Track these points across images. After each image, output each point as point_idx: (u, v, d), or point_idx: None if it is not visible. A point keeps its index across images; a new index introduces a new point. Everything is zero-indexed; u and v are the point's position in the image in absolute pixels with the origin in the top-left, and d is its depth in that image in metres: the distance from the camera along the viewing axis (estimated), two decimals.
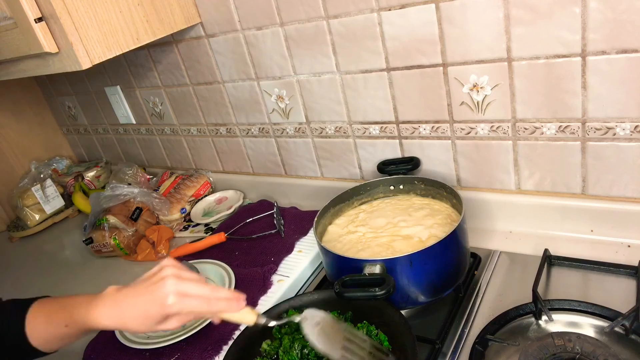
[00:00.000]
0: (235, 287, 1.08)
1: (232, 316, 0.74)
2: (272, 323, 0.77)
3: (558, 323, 0.83)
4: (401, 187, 1.11)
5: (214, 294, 0.72)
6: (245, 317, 0.74)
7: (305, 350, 0.85)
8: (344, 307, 0.91)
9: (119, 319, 0.71)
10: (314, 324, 0.77)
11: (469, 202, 1.05)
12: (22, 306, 0.77)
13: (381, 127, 1.16)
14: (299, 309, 0.92)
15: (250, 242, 1.25)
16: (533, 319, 0.85)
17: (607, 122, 0.90)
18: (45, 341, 0.76)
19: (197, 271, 1.12)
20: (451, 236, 0.88)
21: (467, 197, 1.06)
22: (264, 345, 0.88)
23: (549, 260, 0.97)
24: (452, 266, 0.91)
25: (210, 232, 1.39)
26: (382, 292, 0.78)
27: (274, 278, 1.11)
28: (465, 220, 0.93)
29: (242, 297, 0.74)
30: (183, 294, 0.70)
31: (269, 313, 0.92)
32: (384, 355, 0.78)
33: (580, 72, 0.88)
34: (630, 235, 0.96)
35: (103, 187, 1.73)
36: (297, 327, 0.90)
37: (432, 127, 1.08)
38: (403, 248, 0.94)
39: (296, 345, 0.86)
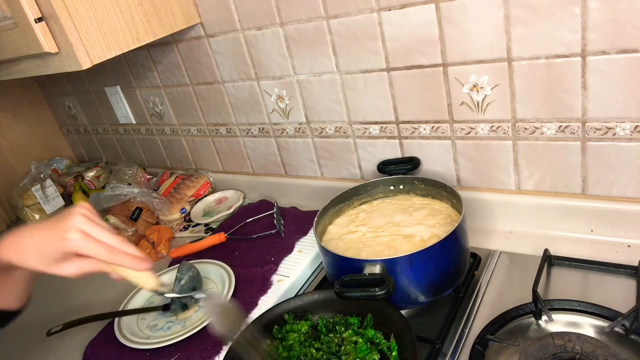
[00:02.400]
0: (235, 287, 1.08)
1: (132, 275, 0.71)
2: (169, 295, 0.77)
3: (558, 323, 0.83)
4: (401, 187, 1.11)
5: (119, 245, 0.69)
6: (146, 280, 0.72)
7: (306, 351, 0.85)
8: (353, 311, 0.91)
9: (17, 251, 0.68)
10: (213, 305, 0.77)
11: (469, 202, 1.05)
12: None
13: (381, 127, 1.16)
14: (298, 312, 0.93)
15: (250, 242, 1.25)
16: (533, 319, 0.85)
17: (607, 122, 0.90)
18: None
19: (197, 271, 1.12)
20: (451, 236, 0.88)
21: (467, 197, 1.06)
22: (264, 346, 0.88)
23: (549, 260, 0.97)
24: (452, 266, 0.91)
25: (210, 232, 1.39)
26: (382, 292, 0.78)
27: (274, 278, 1.11)
28: (465, 220, 0.93)
29: (148, 258, 0.71)
30: (88, 234, 0.67)
31: (268, 314, 0.92)
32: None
33: (580, 72, 0.88)
34: (630, 235, 0.96)
35: (103, 187, 1.73)
36: (298, 329, 0.90)
37: (432, 127, 1.09)
38: (404, 247, 0.94)
39: (298, 347, 0.86)
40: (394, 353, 0.80)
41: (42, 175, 1.79)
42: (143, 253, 0.71)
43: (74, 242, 0.65)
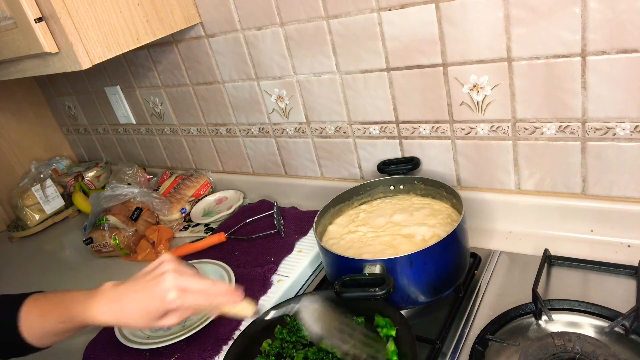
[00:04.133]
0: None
1: (231, 309, 0.74)
2: (271, 313, 0.79)
3: (558, 323, 0.83)
4: (401, 187, 1.11)
5: (213, 288, 0.73)
6: (244, 309, 0.75)
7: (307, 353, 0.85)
8: (353, 311, 0.91)
9: (118, 315, 0.71)
10: (311, 312, 0.79)
11: (469, 202, 1.05)
12: (15, 301, 0.77)
13: (381, 127, 1.16)
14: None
15: (250, 242, 1.25)
16: (533, 319, 0.85)
17: (607, 122, 0.90)
18: (40, 337, 0.76)
19: (197, 271, 1.12)
20: (451, 236, 0.88)
21: (467, 197, 1.06)
22: (265, 345, 0.88)
23: (549, 260, 0.97)
24: (452, 266, 0.91)
25: (210, 232, 1.39)
26: (382, 292, 0.78)
27: (274, 278, 1.11)
28: (465, 220, 0.93)
29: (239, 289, 0.74)
30: (183, 289, 0.70)
31: (268, 315, 0.92)
32: (374, 342, 0.80)
33: (580, 72, 0.88)
34: (630, 235, 0.96)
35: (103, 187, 1.74)
36: (299, 328, 0.90)
37: (432, 127, 1.09)
38: (405, 247, 0.94)
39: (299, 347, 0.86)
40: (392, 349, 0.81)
41: (42, 175, 1.79)
42: (232, 287, 0.75)
43: (174, 303, 0.69)
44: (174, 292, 0.69)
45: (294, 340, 0.88)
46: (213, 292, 0.72)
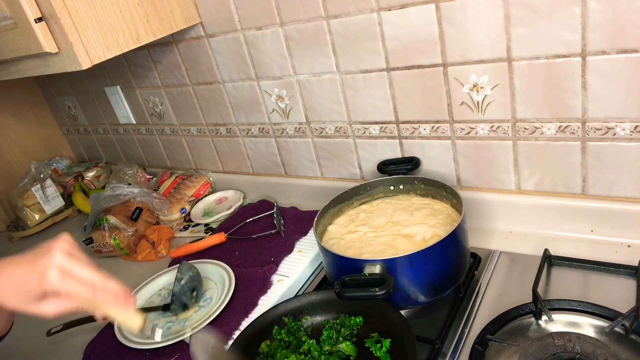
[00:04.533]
0: (235, 287, 1.08)
1: (117, 314, 0.67)
2: (157, 337, 0.71)
3: (558, 323, 0.83)
4: (401, 187, 1.11)
5: (102, 283, 0.65)
6: (132, 319, 0.67)
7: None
8: (350, 311, 0.91)
9: None
10: (204, 348, 0.74)
11: (469, 202, 1.05)
12: None
13: (381, 127, 1.16)
14: (296, 313, 0.93)
15: (250, 242, 1.25)
16: (533, 319, 0.85)
17: (607, 122, 0.90)
18: None
19: (197, 271, 1.12)
20: (451, 236, 0.88)
21: (467, 197, 1.06)
22: (263, 346, 0.88)
23: (549, 260, 0.97)
24: (452, 266, 0.91)
25: (210, 232, 1.39)
26: (382, 292, 0.78)
27: (274, 278, 1.11)
28: (465, 220, 0.93)
29: (132, 295, 0.67)
30: (68, 272, 0.63)
31: (267, 315, 0.92)
32: None
33: (580, 72, 0.88)
34: (630, 235, 0.96)
35: (103, 187, 1.74)
36: (297, 328, 0.90)
37: (432, 127, 1.09)
38: (406, 246, 0.94)
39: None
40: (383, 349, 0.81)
41: (42, 175, 1.79)
42: (126, 289, 0.67)
43: (53, 281, 0.61)
44: (56, 272, 0.61)
45: (291, 340, 0.88)
46: (101, 287, 0.64)
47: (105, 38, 1.06)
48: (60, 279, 0.62)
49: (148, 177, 1.68)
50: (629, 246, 0.96)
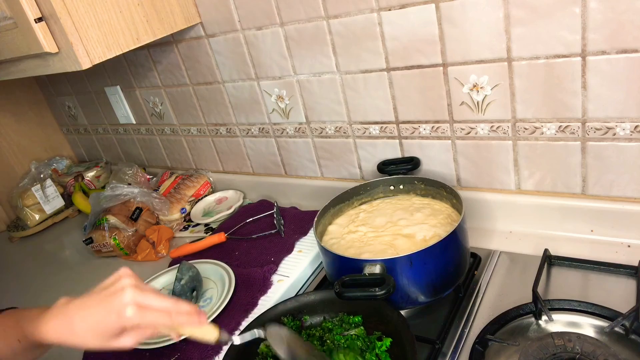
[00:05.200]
0: (235, 287, 1.08)
1: (193, 332, 0.70)
2: (236, 340, 0.74)
3: (558, 323, 0.83)
4: (401, 187, 1.11)
5: (175, 307, 0.67)
6: (207, 333, 0.70)
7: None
8: (350, 311, 0.91)
9: (68, 332, 0.65)
10: (280, 339, 0.76)
11: (469, 202, 1.05)
12: None
13: (381, 127, 1.16)
14: (295, 313, 0.93)
15: (250, 242, 1.25)
16: (533, 319, 0.85)
17: (607, 122, 0.90)
18: (8, 356, 0.72)
19: (197, 271, 1.12)
20: (451, 236, 0.88)
21: (467, 197, 1.06)
22: (262, 347, 0.88)
23: (549, 260, 0.97)
24: (452, 266, 0.91)
25: (210, 232, 1.39)
26: (382, 292, 0.78)
27: (274, 278, 1.11)
28: (465, 220, 0.93)
29: (203, 312, 0.70)
30: (143, 306, 0.64)
31: (266, 315, 0.92)
32: None
33: (580, 72, 0.88)
34: (630, 235, 0.96)
35: (103, 187, 1.74)
36: (296, 329, 0.90)
37: (432, 127, 1.09)
38: (406, 246, 0.94)
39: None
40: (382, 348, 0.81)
41: (42, 175, 1.79)
42: (196, 308, 0.70)
43: (132, 319, 0.64)
44: (133, 308, 0.63)
45: None
46: (175, 311, 0.66)
47: (105, 38, 1.06)
48: (138, 313, 0.64)
49: (148, 177, 1.68)
50: (629, 246, 0.96)
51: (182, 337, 0.72)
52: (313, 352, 0.79)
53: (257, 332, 0.76)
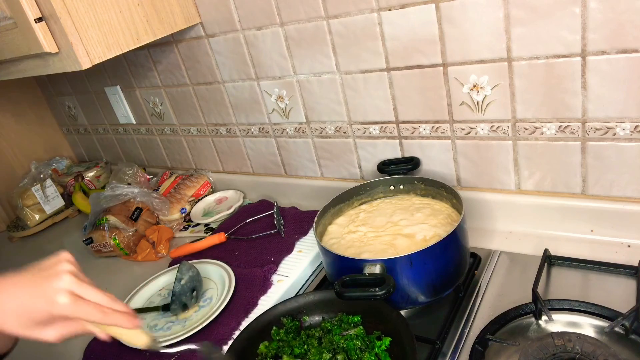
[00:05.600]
0: (235, 287, 1.08)
1: (123, 333, 0.66)
2: (165, 350, 0.71)
3: (558, 323, 0.83)
4: (401, 187, 1.11)
5: (111, 304, 0.63)
6: (138, 337, 0.67)
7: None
8: (349, 311, 0.91)
9: None
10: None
11: (469, 202, 1.05)
12: None
13: (381, 127, 1.16)
14: (295, 313, 0.93)
15: (250, 242, 1.25)
16: (533, 319, 0.85)
17: (607, 122, 0.90)
18: None
19: (197, 271, 1.12)
20: (451, 236, 0.88)
21: (467, 197, 1.06)
22: (261, 347, 0.88)
23: (549, 260, 0.97)
24: (452, 266, 0.91)
25: (210, 232, 1.39)
26: (382, 292, 0.78)
27: (274, 278, 1.11)
28: (465, 220, 0.93)
29: (136, 315, 0.66)
30: (78, 296, 0.60)
31: (265, 316, 0.92)
32: None
33: (580, 72, 0.88)
34: (630, 235, 0.96)
35: (103, 187, 1.74)
36: (296, 329, 0.90)
37: (432, 127, 1.08)
38: (406, 246, 0.94)
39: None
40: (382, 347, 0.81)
41: (42, 175, 1.79)
42: (130, 310, 0.66)
43: (64, 308, 0.58)
44: (67, 296, 0.58)
45: (290, 339, 0.88)
46: (111, 309, 0.62)
47: (105, 38, 1.06)
48: (71, 303, 0.59)
49: (148, 177, 1.68)
50: (629, 246, 0.96)
51: (110, 339, 0.67)
52: None
53: (192, 348, 0.73)
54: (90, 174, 1.84)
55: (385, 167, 1.14)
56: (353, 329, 0.86)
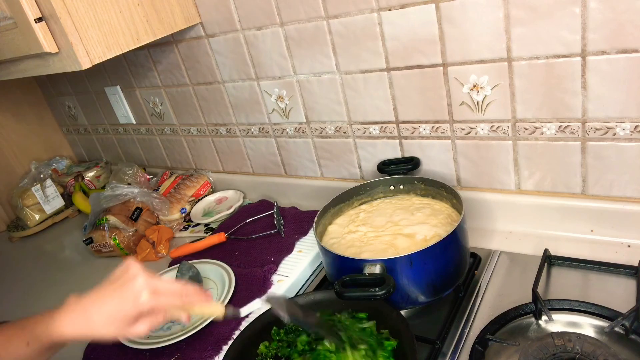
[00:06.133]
0: (235, 287, 1.08)
1: (202, 309, 0.76)
2: (243, 313, 0.80)
3: (558, 323, 0.83)
4: (401, 187, 1.11)
5: (183, 289, 0.73)
6: (215, 309, 0.76)
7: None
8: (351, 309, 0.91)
9: (85, 325, 0.68)
10: (279, 304, 0.81)
11: (469, 202, 1.05)
12: None
13: (381, 127, 1.16)
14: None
15: (250, 242, 1.25)
16: (533, 319, 0.85)
17: (607, 122, 0.90)
18: None
19: (197, 271, 1.12)
20: (451, 236, 0.88)
21: (467, 197, 1.06)
22: (262, 347, 0.88)
23: (549, 260, 0.97)
24: (452, 266, 0.91)
25: (210, 232, 1.39)
26: (382, 292, 0.78)
27: (274, 278, 1.11)
28: (465, 220, 0.93)
29: (209, 291, 0.76)
30: (155, 290, 0.69)
31: (264, 316, 0.91)
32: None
33: (580, 72, 0.88)
34: (630, 235, 0.96)
35: (103, 187, 1.74)
36: (296, 329, 0.90)
37: (432, 127, 1.09)
38: (406, 246, 0.94)
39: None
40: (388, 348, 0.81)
41: (42, 175, 1.79)
42: (201, 288, 0.76)
43: (147, 302, 0.68)
44: (147, 292, 0.68)
45: (290, 339, 0.88)
46: (184, 293, 0.72)
47: (105, 38, 1.06)
48: (152, 297, 0.68)
49: (148, 177, 1.68)
50: (629, 246, 0.96)
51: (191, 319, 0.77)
52: (309, 314, 0.83)
53: (259, 302, 0.83)
54: (90, 174, 1.84)
55: (385, 167, 1.14)
56: (367, 323, 0.86)
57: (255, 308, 0.82)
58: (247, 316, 0.92)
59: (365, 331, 0.84)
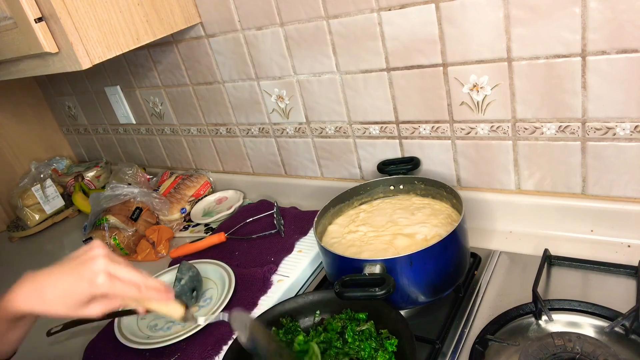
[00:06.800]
0: (235, 287, 1.08)
1: (160, 307, 0.72)
2: (200, 320, 0.76)
3: (558, 323, 0.83)
4: (401, 187, 1.11)
5: (144, 281, 0.70)
6: (174, 310, 0.72)
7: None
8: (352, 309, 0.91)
9: (38, 299, 0.67)
10: (243, 326, 0.78)
11: (469, 202, 1.05)
12: None
13: (381, 127, 1.16)
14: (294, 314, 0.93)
15: (250, 242, 1.25)
16: (533, 319, 0.85)
17: (607, 122, 0.90)
18: None
19: (197, 271, 1.12)
20: (451, 236, 0.88)
21: (467, 197, 1.06)
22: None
23: (549, 260, 0.97)
24: (452, 266, 0.91)
25: (210, 232, 1.39)
26: (382, 292, 0.78)
27: (274, 278, 1.11)
28: (465, 220, 0.93)
29: (170, 289, 0.72)
30: (114, 276, 0.67)
31: (264, 316, 0.91)
32: None
33: (580, 72, 0.88)
34: (630, 235, 0.96)
35: (103, 187, 1.74)
36: (295, 329, 0.90)
37: (432, 127, 1.09)
38: (406, 246, 0.94)
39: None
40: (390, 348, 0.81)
41: (42, 175, 1.79)
42: (164, 284, 0.72)
43: (102, 287, 0.66)
44: (104, 276, 0.66)
45: (290, 339, 0.88)
46: (145, 285, 0.69)
47: (105, 38, 1.06)
48: (108, 282, 0.66)
49: (148, 177, 1.68)
50: (629, 246, 0.96)
51: (148, 314, 0.73)
52: (273, 341, 0.81)
53: (222, 316, 0.77)
54: (90, 174, 1.84)
55: (385, 167, 1.14)
56: (365, 324, 0.86)
57: (217, 320, 0.77)
58: (212, 324, 0.87)
59: (364, 333, 0.84)
